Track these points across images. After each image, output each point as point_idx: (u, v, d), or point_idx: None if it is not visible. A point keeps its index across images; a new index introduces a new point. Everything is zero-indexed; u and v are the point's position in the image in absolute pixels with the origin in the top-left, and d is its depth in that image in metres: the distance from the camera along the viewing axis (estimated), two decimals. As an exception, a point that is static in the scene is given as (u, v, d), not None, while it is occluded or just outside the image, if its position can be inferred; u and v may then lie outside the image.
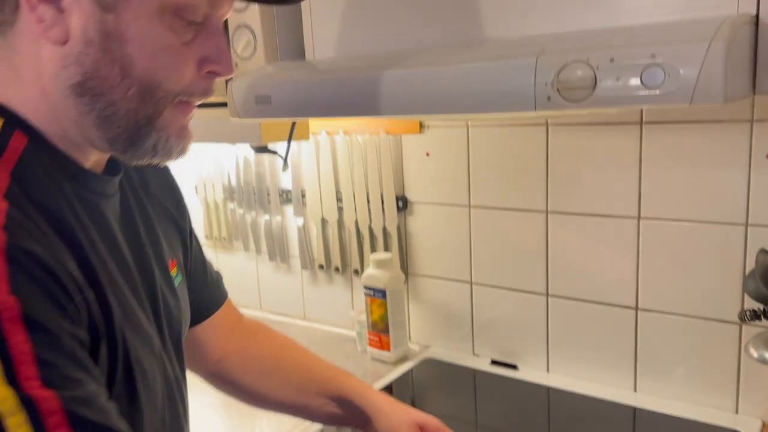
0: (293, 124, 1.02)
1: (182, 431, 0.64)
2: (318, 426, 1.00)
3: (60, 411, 0.40)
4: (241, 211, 1.53)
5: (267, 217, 1.49)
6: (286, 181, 1.45)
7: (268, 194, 1.47)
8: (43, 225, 0.46)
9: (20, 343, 0.40)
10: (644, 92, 0.55)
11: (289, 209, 1.46)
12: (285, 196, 1.45)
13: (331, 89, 0.80)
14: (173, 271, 0.65)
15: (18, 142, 0.48)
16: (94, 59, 0.48)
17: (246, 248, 1.55)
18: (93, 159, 0.55)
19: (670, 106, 0.55)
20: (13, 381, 0.39)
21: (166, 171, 0.70)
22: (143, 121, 0.51)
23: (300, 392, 0.79)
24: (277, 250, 1.49)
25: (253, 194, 1.49)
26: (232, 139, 1.15)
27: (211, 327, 0.77)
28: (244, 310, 0.87)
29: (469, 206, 1.20)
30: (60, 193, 0.50)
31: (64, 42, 0.48)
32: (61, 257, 0.46)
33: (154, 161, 0.54)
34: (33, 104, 0.50)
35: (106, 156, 0.57)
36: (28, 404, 0.39)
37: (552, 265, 1.13)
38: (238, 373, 0.79)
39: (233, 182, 1.52)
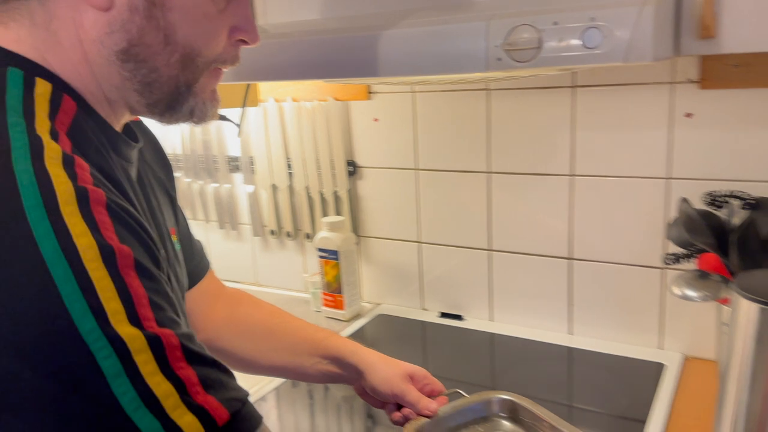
0: (247, 87, 1.03)
1: None
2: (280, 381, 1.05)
3: (178, 347, 0.43)
4: (188, 179, 1.52)
5: (215, 185, 1.49)
6: (233, 149, 1.46)
7: (216, 162, 1.48)
8: (110, 185, 0.48)
9: (137, 287, 0.43)
10: (584, 52, 0.62)
11: (237, 177, 1.47)
12: (233, 164, 1.46)
13: (285, 52, 0.82)
14: (174, 239, 0.67)
15: (68, 107, 0.49)
16: (139, 26, 0.50)
17: (194, 216, 1.55)
18: (120, 124, 0.57)
19: (607, 65, 0.62)
20: (136, 322, 0.41)
21: (156, 141, 0.71)
22: (183, 86, 0.54)
23: (293, 354, 0.82)
24: (227, 218, 1.50)
25: (200, 162, 1.49)
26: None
27: (198, 295, 0.79)
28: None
29: (416, 169, 1.26)
30: (109, 158, 0.51)
31: (108, 8, 0.49)
32: (139, 211, 0.48)
33: (189, 123, 0.57)
34: (75, 69, 0.50)
35: (126, 121, 0.59)
36: (154, 341, 0.42)
37: (494, 222, 1.20)
38: (228, 339, 0.81)
39: (179, 151, 1.51)
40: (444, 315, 1.28)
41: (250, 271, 1.52)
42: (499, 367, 1.10)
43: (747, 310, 0.70)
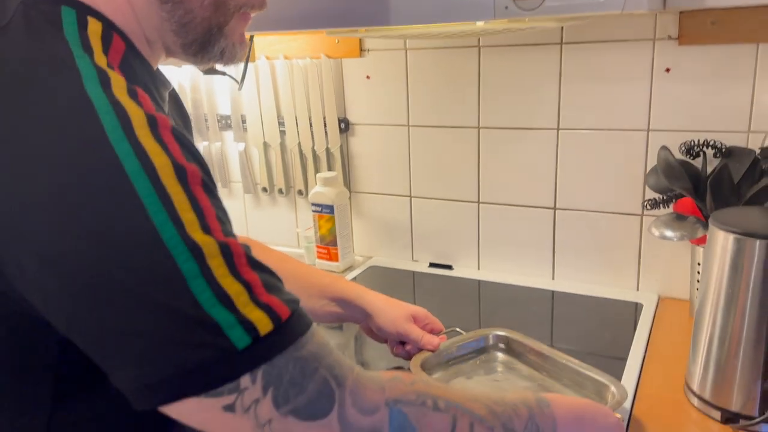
0: (251, 40, 1.05)
1: None
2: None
3: (243, 254, 0.48)
4: (178, 138, 1.53)
5: (206, 143, 1.51)
6: (223, 107, 1.48)
7: (206, 120, 1.49)
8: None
9: (205, 201, 0.47)
10: (585, 0, 0.67)
11: (228, 135, 1.49)
12: (224, 122, 1.48)
13: (290, 2, 0.85)
14: None
15: (118, 45, 0.52)
16: None
17: (185, 175, 1.57)
18: (156, 66, 0.60)
19: (606, 13, 0.67)
20: (208, 231, 0.46)
21: (175, 91, 0.75)
22: (215, 28, 0.58)
23: (303, 296, 0.87)
24: (218, 175, 1.52)
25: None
26: (178, 62, 1.16)
27: None
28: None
29: (408, 125, 1.30)
30: (157, 97, 0.55)
31: None
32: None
33: (219, 63, 0.61)
34: (119, 10, 0.53)
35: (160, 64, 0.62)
36: (224, 247, 0.46)
37: (482, 175, 1.26)
38: None
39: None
40: (433, 265, 1.35)
41: (242, 227, 1.56)
42: (486, 311, 1.17)
43: (724, 241, 0.78)
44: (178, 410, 0.46)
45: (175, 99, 0.74)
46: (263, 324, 0.46)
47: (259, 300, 0.47)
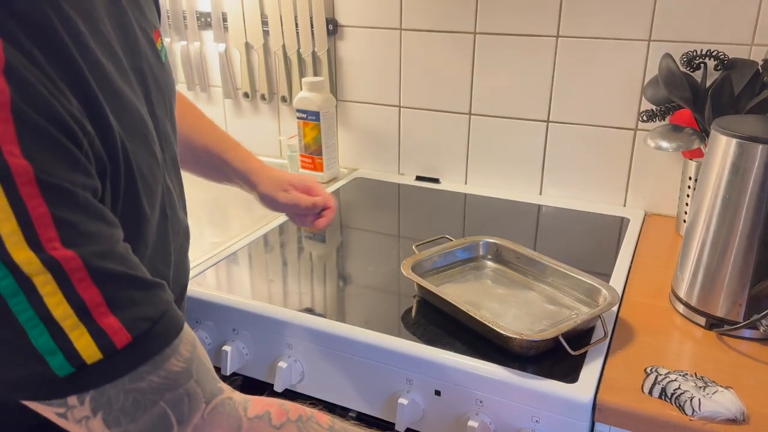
0: None
1: (180, 223, 0.64)
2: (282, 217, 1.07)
3: (82, 267, 0.42)
4: (153, 37, 1.44)
5: (184, 43, 1.43)
6: (203, 4, 1.39)
7: (185, 18, 1.40)
8: (35, 50, 0.42)
9: (38, 206, 0.40)
10: None
11: (207, 34, 1.41)
12: (204, 20, 1.40)
13: None
14: (158, 43, 0.61)
15: None
16: None
17: (161, 78, 1.49)
18: None
19: None
20: (35, 244, 0.40)
21: None
22: None
23: (199, 165, 0.88)
24: (197, 79, 1.45)
25: (167, 18, 1.41)
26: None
27: None
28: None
29: (400, 29, 1.24)
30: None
31: None
32: (62, 92, 0.43)
33: None
34: None
35: None
36: (52, 265, 0.40)
37: (476, 85, 1.22)
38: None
39: None
40: (420, 178, 1.32)
41: (220, 136, 1.50)
42: (472, 224, 1.16)
43: (726, 146, 0.76)
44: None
45: None
46: (90, 353, 0.42)
47: (93, 323, 0.42)
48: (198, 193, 0.90)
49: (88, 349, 0.42)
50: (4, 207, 0.39)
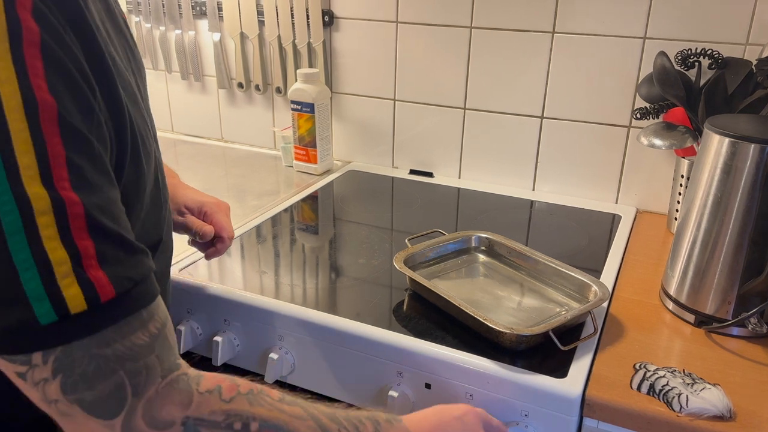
0: None
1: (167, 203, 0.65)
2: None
3: (83, 216, 0.42)
4: (148, 25, 1.43)
5: (178, 32, 1.42)
6: (198, -6, 1.38)
7: (180, 7, 1.39)
8: (58, 14, 0.44)
9: (56, 144, 0.41)
10: None
11: (203, 23, 1.40)
12: (199, 9, 1.39)
13: None
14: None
15: None
16: None
17: (155, 66, 1.48)
18: None
19: None
20: (47, 181, 0.41)
21: None
22: None
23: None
24: (191, 68, 1.44)
25: (161, 7, 1.40)
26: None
27: None
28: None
29: (397, 22, 1.24)
30: None
31: None
32: (75, 44, 0.44)
33: None
34: None
35: None
36: (58, 204, 0.41)
37: (471, 79, 1.22)
38: None
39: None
40: (414, 172, 1.32)
41: (215, 126, 1.49)
42: (465, 218, 1.16)
43: (718, 145, 0.77)
44: None
45: None
46: (76, 303, 0.42)
47: (83, 273, 0.42)
48: (190, 184, 0.89)
49: (75, 298, 0.42)
50: (25, 139, 0.40)
